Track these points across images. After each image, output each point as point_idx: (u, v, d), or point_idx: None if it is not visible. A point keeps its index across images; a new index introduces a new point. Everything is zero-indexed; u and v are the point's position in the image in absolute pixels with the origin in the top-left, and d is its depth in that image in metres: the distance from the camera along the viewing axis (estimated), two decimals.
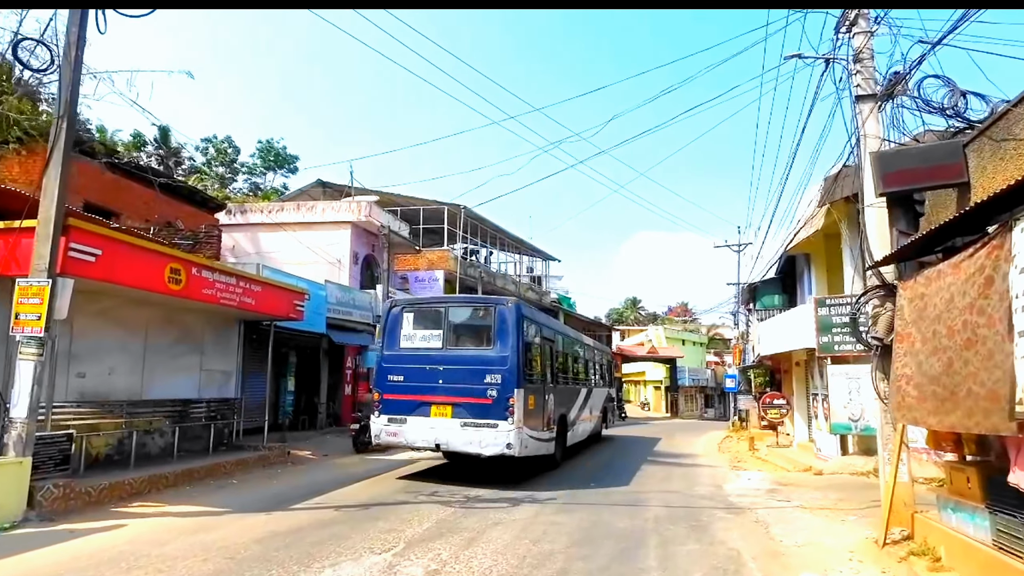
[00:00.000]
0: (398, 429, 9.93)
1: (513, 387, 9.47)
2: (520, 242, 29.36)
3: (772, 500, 9.26)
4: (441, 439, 9.70)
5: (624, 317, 78.53)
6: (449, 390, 9.74)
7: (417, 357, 10.11)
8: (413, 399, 9.92)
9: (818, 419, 14.04)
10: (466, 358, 9.93)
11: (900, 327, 5.91)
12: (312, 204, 18.91)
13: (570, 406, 13.10)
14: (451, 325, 10.29)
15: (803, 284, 18.29)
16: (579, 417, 13.95)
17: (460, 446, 9.65)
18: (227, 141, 49.50)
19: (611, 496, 9.31)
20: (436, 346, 10.16)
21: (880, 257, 6.52)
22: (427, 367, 9.96)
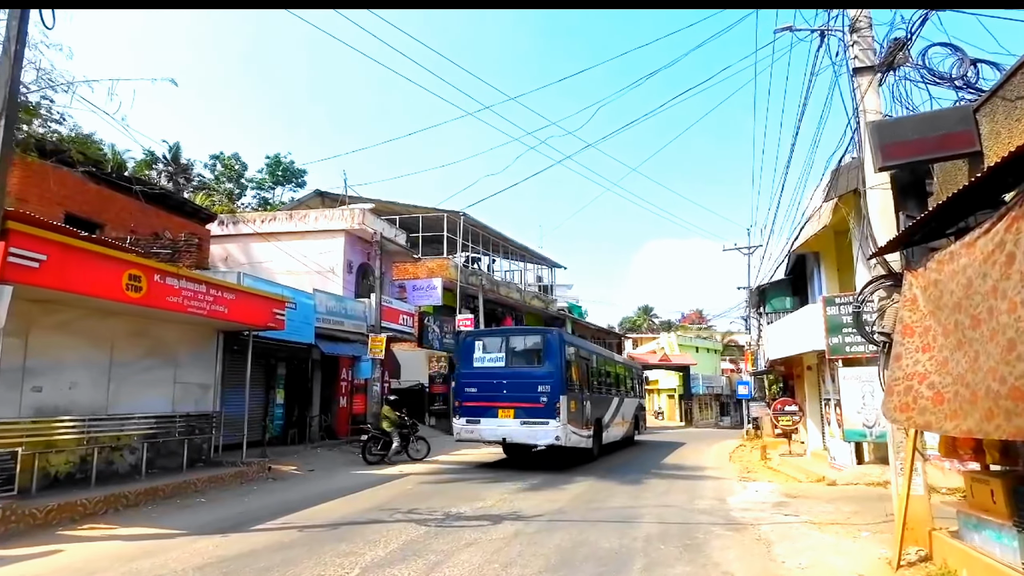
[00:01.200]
0: (474, 428, 13.17)
1: (559, 394, 12.49)
2: (525, 249, 28.82)
3: (778, 514, 8.52)
4: (506, 434, 12.92)
5: (637, 325, 77.69)
6: (511, 397, 12.82)
7: (486, 373, 13.26)
8: (484, 405, 13.05)
9: (831, 426, 13.22)
10: (523, 373, 13.02)
11: (908, 319, 5.24)
12: (305, 213, 18.57)
13: (604, 411, 15.96)
14: (511, 349, 13.46)
15: (813, 284, 17.49)
16: (612, 421, 16.73)
17: (521, 439, 12.96)
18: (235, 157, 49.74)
19: (601, 511, 8.63)
20: (500, 365, 13.29)
21: (884, 243, 5.85)
22: (494, 381, 13.12)
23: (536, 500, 9.53)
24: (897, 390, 5.14)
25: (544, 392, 12.61)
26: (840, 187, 12.96)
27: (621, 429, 17.89)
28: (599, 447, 14.88)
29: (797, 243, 15.58)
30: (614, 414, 16.97)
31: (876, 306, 6.24)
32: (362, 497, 9.61)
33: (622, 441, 18.25)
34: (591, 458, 14.38)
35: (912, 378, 5.03)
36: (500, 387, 13.04)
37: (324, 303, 15.30)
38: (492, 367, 13.32)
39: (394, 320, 18.39)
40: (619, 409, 17.61)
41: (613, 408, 16.98)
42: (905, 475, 5.52)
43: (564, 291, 45.43)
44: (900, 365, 5.19)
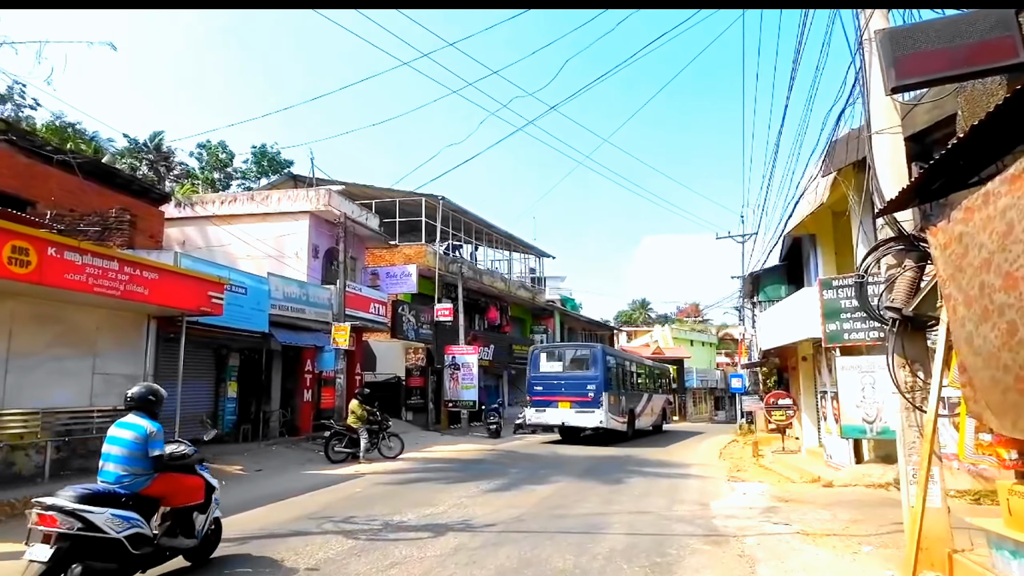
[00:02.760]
0: (541, 415, 17.78)
1: (602, 391, 17.01)
2: (510, 238, 27.66)
3: (767, 523, 7.44)
4: (564, 419, 17.37)
5: (633, 319, 76.97)
6: (567, 393, 17.42)
7: (549, 376, 18.13)
8: (548, 399, 17.66)
9: (827, 421, 12.16)
10: (576, 376, 17.69)
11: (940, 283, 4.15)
12: (267, 194, 17.38)
13: (636, 404, 20.48)
14: (567, 358, 18.74)
15: (809, 270, 16.39)
16: (643, 411, 21.24)
17: (574, 423, 17.27)
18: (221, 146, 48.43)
19: (565, 520, 7.54)
20: (559, 370, 18.24)
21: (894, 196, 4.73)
22: (555, 381, 17.87)
23: (496, 505, 8.46)
24: None
25: (591, 389, 17.23)
26: (838, 160, 11.86)
27: (650, 418, 22.53)
28: (632, 431, 19.48)
29: (792, 224, 14.48)
30: (644, 406, 21.48)
31: (884, 276, 5.14)
32: (297, 503, 8.50)
33: (652, 428, 22.77)
34: (626, 439, 18.75)
35: None
36: (559, 386, 17.87)
37: (281, 288, 14.15)
38: (553, 371, 18.44)
39: (364, 309, 17.26)
40: (649, 402, 22.24)
41: (644, 402, 21.53)
42: (920, 483, 4.42)
43: (557, 283, 44.36)
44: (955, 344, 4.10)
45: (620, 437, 18.29)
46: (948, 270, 3.93)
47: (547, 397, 17.78)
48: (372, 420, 13.44)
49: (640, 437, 20.14)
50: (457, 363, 21.00)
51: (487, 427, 20.24)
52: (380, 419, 13.66)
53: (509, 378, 29.28)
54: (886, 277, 5.07)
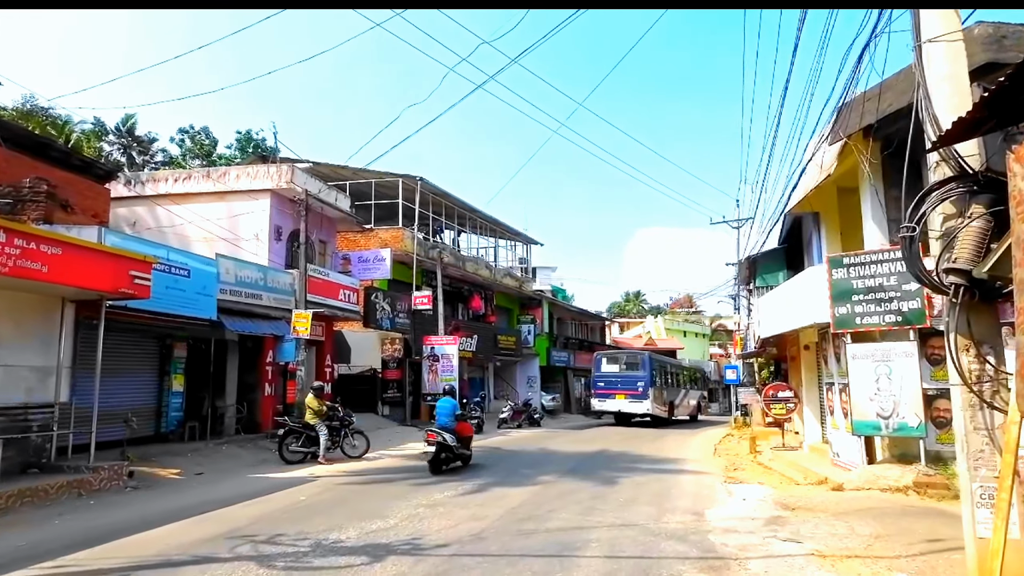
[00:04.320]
0: (602, 404, 23.61)
1: (649, 387, 22.83)
2: (495, 223, 26.35)
3: (773, 539, 6.26)
4: (620, 407, 22.95)
5: (626, 311, 76.24)
6: (622, 388, 23.11)
7: (609, 375, 23.91)
8: (609, 392, 23.44)
9: (834, 415, 11.01)
10: (628, 375, 23.37)
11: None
12: (224, 171, 15.99)
13: (675, 397, 26.56)
14: (621, 361, 24.48)
15: (811, 252, 15.22)
16: (680, 403, 27.21)
17: (627, 410, 22.79)
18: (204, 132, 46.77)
19: (533, 537, 6.33)
20: (616, 371, 23.94)
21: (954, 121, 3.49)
22: (613, 379, 23.63)
23: (456, 516, 7.24)
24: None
25: (641, 385, 22.97)
26: (850, 124, 10.63)
27: (686, 409, 28.47)
28: (671, 418, 25.42)
29: (793, 200, 13.26)
30: (682, 399, 27.78)
31: (939, 227, 3.92)
32: (222, 517, 7.24)
33: (688, 418, 28.17)
34: (666, 423, 24.65)
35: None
36: (616, 383, 23.59)
37: (234, 272, 12.82)
38: (612, 371, 24.16)
39: (333, 296, 15.97)
40: (686, 397, 28.67)
41: (681, 396, 27.80)
42: (999, 508, 3.21)
43: (548, 273, 43.14)
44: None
45: (663, 422, 24.36)
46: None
47: (607, 391, 23.89)
48: (332, 416, 12.21)
49: (678, 424, 25.75)
50: (436, 354, 19.77)
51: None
52: (342, 415, 12.44)
53: (494, 370, 28.08)
54: (943, 230, 3.86)
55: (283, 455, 11.63)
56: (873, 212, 11.24)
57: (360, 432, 12.76)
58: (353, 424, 12.65)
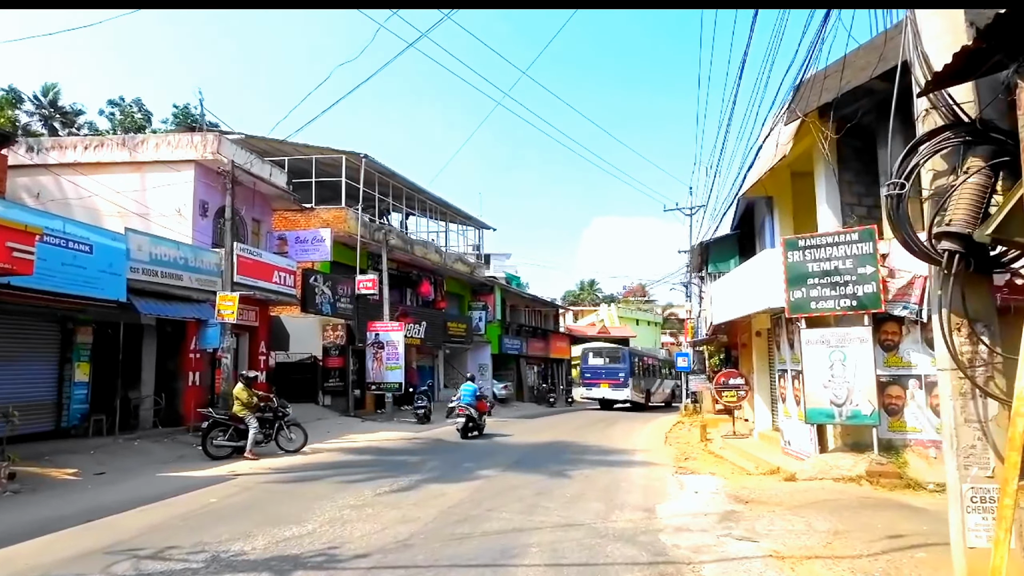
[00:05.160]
0: (590, 392, 27.46)
1: (629, 377, 26.64)
2: (445, 206, 25.36)
3: (728, 538, 5.78)
4: (604, 395, 26.74)
5: (580, 299, 76.78)
6: (606, 378, 26.72)
7: (595, 367, 27.31)
8: (594, 382, 27.12)
9: (786, 403, 10.78)
10: (611, 367, 26.92)
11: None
12: (142, 139, 14.44)
13: (651, 385, 30.16)
14: (605, 355, 27.80)
15: (764, 238, 15.03)
16: (655, 391, 30.46)
17: (610, 397, 26.51)
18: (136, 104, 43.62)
19: (467, 542, 5.65)
20: (600, 363, 27.26)
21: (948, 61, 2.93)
22: (598, 370, 27.12)
23: (384, 519, 6.49)
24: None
25: (622, 375, 26.57)
26: (808, 103, 10.29)
27: (662, 396, 31.42)
28: (647, 404, 28.34)
29: (748, 183, 12.96)
30: (657, 387, 31.07)
31: (928, 185, 3.39)
32: (108, 526, 6.27)
33: (664, 404, 30.44)
34: (643, 408, 27.63)
35: None
36: (601, 373, 26.98)
37: (148, 249, 11.54)
38: (599, 363, 27.44)
39: (266, 278, 14.78)
40: (660, 385, 31.74)
41: (656, 384, 31.12)
42: (1001, 516, 2.70)
43: (502, 260, 42.44)
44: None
45: (640, 407, 27.30)
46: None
47: (593, 381, 27.61)
48: (263, 408, 11.21)
49: (652, 409, 27.99)
50: (381, 341, 18.79)
51: (415, 412, 18.25)
52: (276, 406, 11.45)
53: (444, 358, 27.27)
54: (933, 188, 3.33)
55: (207, 450, 10.59)
56: (828, 195, 11.00)
57: (297, 424, 11.81)
58: (289, 416, 11.68)
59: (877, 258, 8.78)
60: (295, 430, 11.64)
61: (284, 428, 11.46)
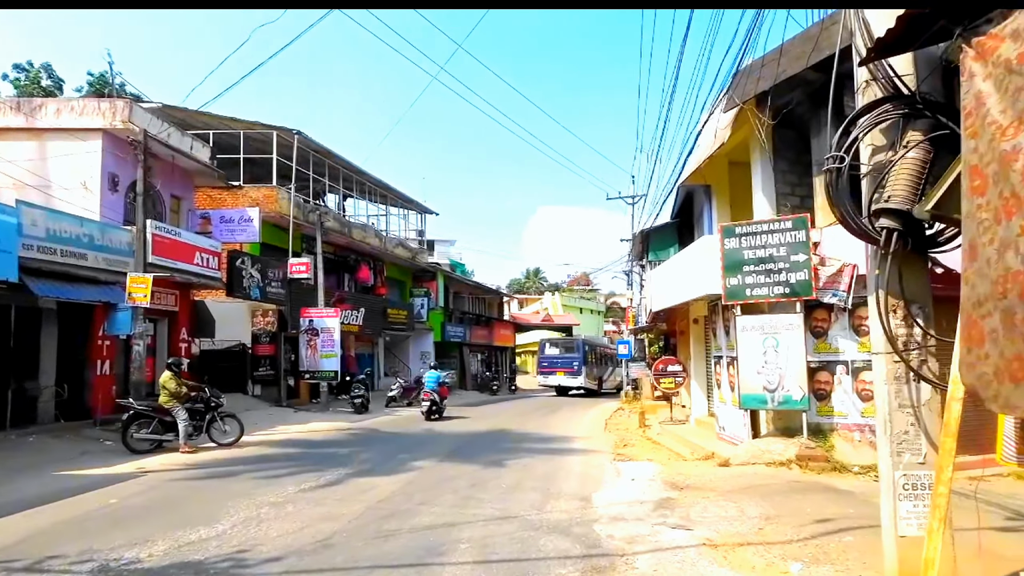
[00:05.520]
0: (547, 379, 29.53)
1: (583, 365, 28.47)
2: (387, 188, 24.53)
3: (663, 527, 5.68)
4: (560, 382, 28.72)
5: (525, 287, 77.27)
6: (561, 366, 28.76)
7: (551, 356, 29.63)
8: (551, 371, 29.11)
9: (721, 389, 10.94)
10: (566, 356, 29.12)
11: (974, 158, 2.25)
12: (41, 102, 12.97)
13: (603, 374, 31.73)
14: (561, 346, 30.63)
15: (702, 226, 15.25)
16: (607, 379, 31.84)
17: (565, 384, 28.48)
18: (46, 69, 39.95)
19: (395, 539, 5.30)
20: (557, 353, 29.83)
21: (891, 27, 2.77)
22: (555, 360, 29.32)
23: (305, 517, 6.04)
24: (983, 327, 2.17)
25: (576, 364, 28.35)
26: (745, 91, 10.35)
27: (613, 383, 31.53)
28: (600, 390, 29.73)
29: (687, 171, 13.04)
30: (609, 375, 32.24)
31: (867, 160, 3.26)
32: None
33: (615, 390, 29.86)
34: (596, 394, 28.74)
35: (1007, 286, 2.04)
36: (557, 362, 29.06)
37: (44, 224, 10.41)
38: (555, 353, 29.81)
39: (186, 259, 13.74)
40: (612, 372, 32.40)
41: (608, 372, 32.35)
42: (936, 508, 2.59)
43: (446, 247, 41.79)
44: (979, 265, 2.20)
45: (594, 393, 28.70)
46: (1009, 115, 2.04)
47: (550, 369, 29.49)
48: (196, 398, 10.46)
49: (604, 395, 28.95)
50: (315, 327, 17.99)
51: (352, 401, 17.61)
52: (208, 396, 10.71)
53: (384, 345, 26.58)
54: (873, 164, 3.21)
55: (127, 444, 9.75)
56: (763, 184, 11.16)
57: (232, 416, 11.10)
58: (223, 407, 10.96)
59: (810, 246, 8.93)
60: (230, 422, 10.95)
61: (218, 420, 10.76)
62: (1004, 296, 2.01)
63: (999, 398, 2.08)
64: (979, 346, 2.17)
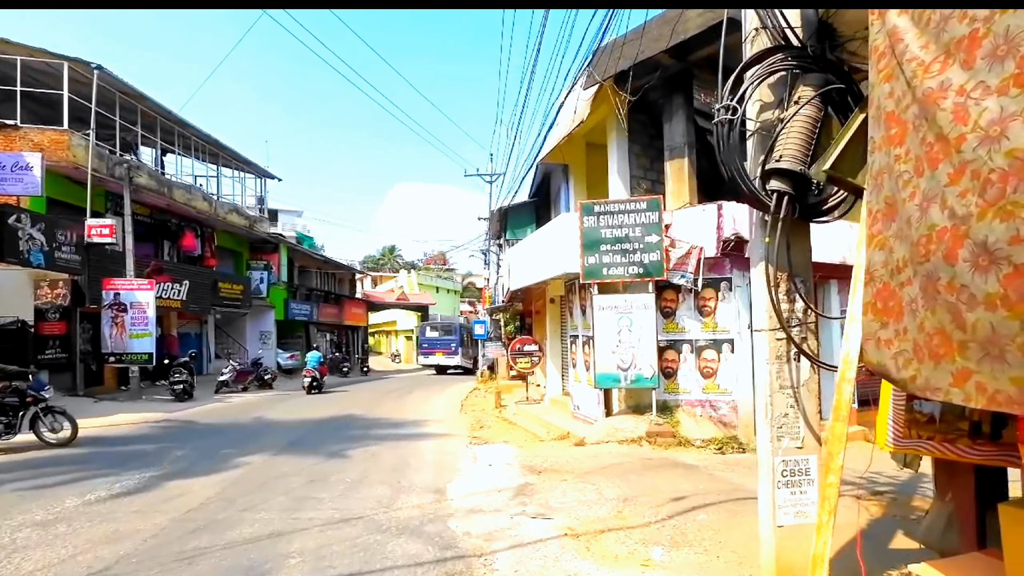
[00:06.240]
0: (427, 359, 31.91)
1: (459, 346, 31.60)
2: (218, 145, 21.54)
3: (523, 516, 5.30)
4: (438, 362, 31.63)
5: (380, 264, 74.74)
6: (440, 347, 31.64)
7: (431, 338, 32.24)
8: (430, 351, 31.76)
9: (576, 368, 11.01)
10: (445, 338, 32.20)
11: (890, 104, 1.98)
12: None
13: (476, 354, 28.16)
14: (440, 328, 33.51)
15: (559, 206, 15.34)
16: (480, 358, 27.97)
17: (444, 363, 31.48)
18: None
19: (203, 562, 4.28)
20: (437, 335, 32.59)
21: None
22: (435, 341, 32.04)
23: (85, 537, 4.74)
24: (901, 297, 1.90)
25: (453, 345, 31.00)
26: (606, 70, 10.32)
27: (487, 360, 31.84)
28: (475, 368, 27.77)
29: (546, 148, 12.92)
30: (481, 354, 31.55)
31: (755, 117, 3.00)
32: None
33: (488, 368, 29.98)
34: (471, 372, 28.52)
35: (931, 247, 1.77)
36: (436, 344, 31.31)
37: None
38: (435, 336, 32.06)
39: None
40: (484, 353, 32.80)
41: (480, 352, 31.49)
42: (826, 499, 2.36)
43: (292, 218, 38.39)
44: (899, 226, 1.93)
45: (470, 372, 29.30)
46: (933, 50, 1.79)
47: (430, 350, 31.37)
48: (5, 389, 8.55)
49: None
50: (123, 302, 15.20)
51: (171, 388, 15.29)
52: (26, 387, 8.80)
53: (216, 324, 23.69)
54: (759, 121, 2.95)
55: None
56: (619, 166, 11.33)
57: (63, 412, 9.05)
58: (47, 400, 8.95)
59: (662, 228, 9.14)
60: (61, 418, 8.94)
61: (42, 416, 8.73)
62: (927, 258, 1.75)
63: (917, 379, 1.83)
64: (897, 319, 1.91)
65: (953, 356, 1.68)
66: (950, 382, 1.70)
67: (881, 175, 2.02)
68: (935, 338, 1.75)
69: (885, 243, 1.98)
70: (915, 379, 1.86)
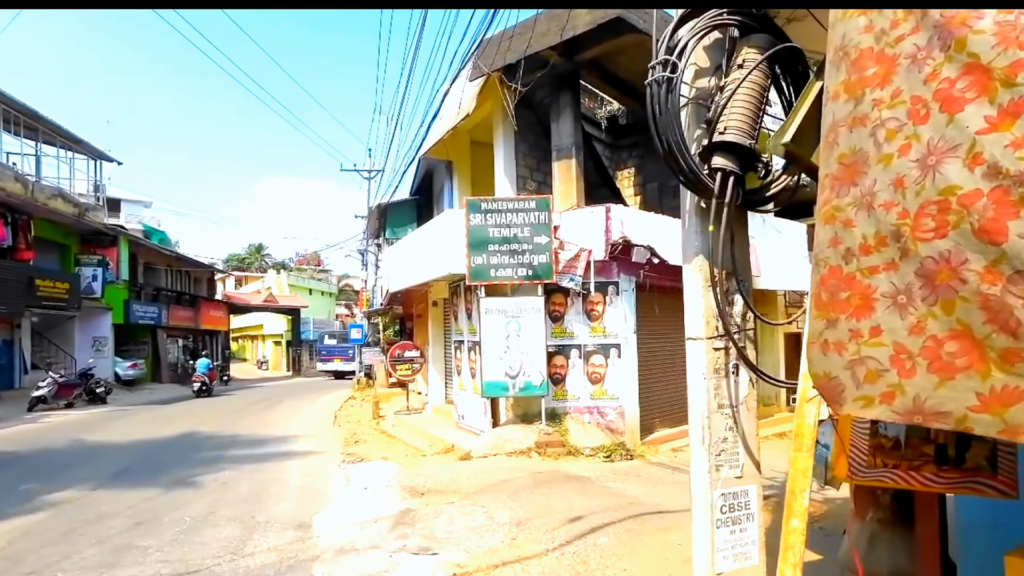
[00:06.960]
0: (325, 366, 33.38)
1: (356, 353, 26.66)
2: (36, 117, 18.05)
3: (404, 554, 4.57)
4: (336, 368, 32.41)
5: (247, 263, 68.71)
6: (338, 355, 32.88)
7: (329, 346, 34.89)
8: (328, 358, 33.48)
9: (461, 375, 10.39)
10: (342, 345, 33.20)
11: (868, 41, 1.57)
12: None
13: None
14: (338, 336, 37.68)
15: (442, 204, 14.68)
16: None
17: (341, 369, 31.82)
18: None
19: None
20: (334, 343, 34.98)
21: None
22: (332, 349, 34.18)
23: None
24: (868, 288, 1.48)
25: (351, 352, 29.67)
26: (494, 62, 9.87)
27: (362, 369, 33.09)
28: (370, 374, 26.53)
29: (429, 142, 12.23)
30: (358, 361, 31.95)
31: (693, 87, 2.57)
32: None
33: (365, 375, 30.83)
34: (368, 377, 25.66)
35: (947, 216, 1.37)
36: (334, 351, 33.40)
37: None
38: (332, 343, 34.98)
39: None
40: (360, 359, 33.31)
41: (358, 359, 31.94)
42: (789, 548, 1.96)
43: (138, 209, 33.79)
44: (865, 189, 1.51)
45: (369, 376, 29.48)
46: None
47: (328, 357, 33.14)
48: None
49: None
50: None
51: None
52: None
53: (33, 329, 19.98)
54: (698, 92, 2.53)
55: None
56: (506, 164, 10.93)
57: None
58: None
59: (551, 228, 8.83)
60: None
61: None
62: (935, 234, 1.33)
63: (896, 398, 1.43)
64: (857, 316, 1.49)
65: (986, 370, 1.29)
66: (971, 405, 1.32)
67: (837, 129, 1.59)
68: (948, 344, 1.35)
69: (835, 216, 1.55)
70: (891, 398, 1.46)
